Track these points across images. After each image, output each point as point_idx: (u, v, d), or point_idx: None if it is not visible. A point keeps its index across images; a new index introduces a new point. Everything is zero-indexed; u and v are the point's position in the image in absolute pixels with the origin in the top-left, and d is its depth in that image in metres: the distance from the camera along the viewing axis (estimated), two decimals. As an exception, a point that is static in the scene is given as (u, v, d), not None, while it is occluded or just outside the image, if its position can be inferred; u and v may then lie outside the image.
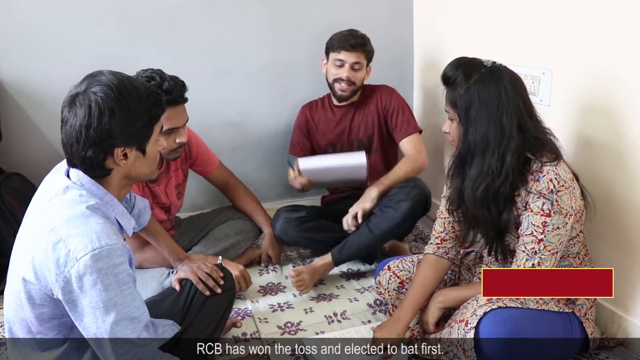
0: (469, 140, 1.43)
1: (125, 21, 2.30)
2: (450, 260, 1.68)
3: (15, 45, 2.19)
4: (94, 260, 1.08)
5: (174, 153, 1.88)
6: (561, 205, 1.40)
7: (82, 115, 1.13)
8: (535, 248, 1.44)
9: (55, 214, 1.14)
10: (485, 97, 1.40)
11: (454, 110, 1.45)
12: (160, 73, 1.76)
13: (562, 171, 1.41)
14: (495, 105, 1.40)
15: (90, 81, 1.16)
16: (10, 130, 2.25)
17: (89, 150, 1.15)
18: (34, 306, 1.16)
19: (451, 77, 1.44)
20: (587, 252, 1.61)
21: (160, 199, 2.00)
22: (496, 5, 2.10)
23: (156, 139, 1.26)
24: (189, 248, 2.10)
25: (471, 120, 1.42)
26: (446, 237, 1.67)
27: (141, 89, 1.19)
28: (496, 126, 1.40)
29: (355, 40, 2.20)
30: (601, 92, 1.67)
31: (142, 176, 1.28)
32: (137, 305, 1.16)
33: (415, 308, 1.63)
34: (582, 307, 1.54)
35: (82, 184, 1.19)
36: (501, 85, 1.40)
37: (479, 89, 1.40)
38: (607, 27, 1.62)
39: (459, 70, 1.43)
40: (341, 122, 2.35)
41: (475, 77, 1.40)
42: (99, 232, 1.11)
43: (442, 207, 1.68)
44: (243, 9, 2.44)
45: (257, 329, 1.86)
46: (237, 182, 2.26)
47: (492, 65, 1.43)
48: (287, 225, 2.20)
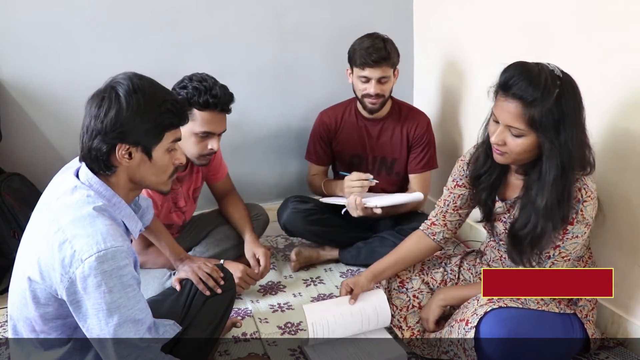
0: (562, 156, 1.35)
1: (125, 21, 2.29)
2: (436, 243, 1.72)
3: (15, 46, 2.19)
4: (99, 262, 1.08)
5: (203, 159, 1.87)
6: (584, 215, 1.40)
7: (95, 106, 1.17)
8: (550, 253, 1.44)
9: (62, 214, 1.14)
10: (571, 111, 1.34)
11: (529, 127, 1.34)
12: (214, 78, 1.81)
13: (589, 181, 1.41)
14: (579, 117, 1.37)
15: (114, 78, 1.20)
16: (10, 130, 2.25)
17: (95, 140, 1.17)
18: (38, 305, 1.16)
19: (529, 96, 1.32)
20: (591, 254, 1.61)
21: (181, 201, 1.99)
22: (496, 5, 2.10)
23: (169, 148, 1.25)
24: (190, 249, 2.10)
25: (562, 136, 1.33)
26: (436, 222, 1.72)
27: (159, 94, 1.21)
28: (582, 139, 1.38)
29: (378, 54, 2.07)
30: (601, 92, 1.67)
31: (149, 183, 1.27)
32: (141, 307, 1.16)
33: (384, 265, 1.73)
34: (583, 309, 1.54)
35: (91, 184, 1.19)
36: (579, 94, 1.36)
37: (565, 104, 1.32)
38: (608, 27, 1.62)
39: (536, 85, 1.32)
40: (368, 135, 2.28)
41: (557, 92, 1.32)
42: (104, 233, 1.11)
43: (442, 196, 1.71)
44: (243, 9, 2.44)
45: (257, 329, 1.86)
46: (238, 198, 2.22)
47: (563, 73, 1.36)
48: (294, 216, 2.21)
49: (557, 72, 1.35)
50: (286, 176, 2.74)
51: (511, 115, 1.36)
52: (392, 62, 2.13)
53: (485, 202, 1.59)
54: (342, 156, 2.32)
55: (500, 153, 1.43)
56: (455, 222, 1.71)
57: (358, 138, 2.29)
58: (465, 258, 1.80)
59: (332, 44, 2.59)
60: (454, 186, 1.68)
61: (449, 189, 1.69)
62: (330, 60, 2.61)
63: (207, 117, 1.79)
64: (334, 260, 2.31)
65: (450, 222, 1.70)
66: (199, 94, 1.75)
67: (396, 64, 2.17)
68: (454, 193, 1.67)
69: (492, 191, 1.58)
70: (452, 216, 1.70)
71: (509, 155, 1.42)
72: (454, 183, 1.68)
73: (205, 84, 1.77)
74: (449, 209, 1.69)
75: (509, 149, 1.40)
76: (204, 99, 1.75)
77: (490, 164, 1.54)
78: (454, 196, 1.68)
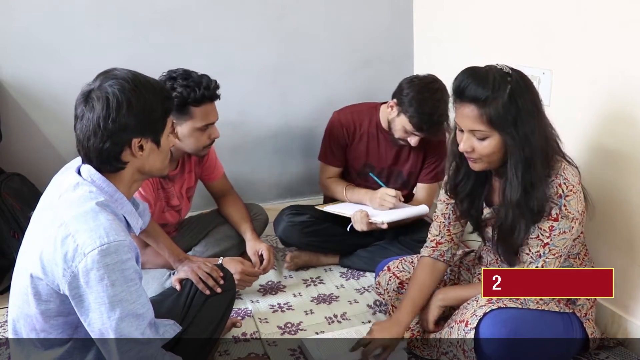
0: (525, 150, 1.35)
1: (125, 21, 2.29)
2: (446, 263, 1.69)
3: (15, 46, 2.19)
4: (101, 255, 1.09)
5: (205, 150, 1.91)
6: (569, 209, 1.39)
7: (99, 108, 1.15)
8: (540, 251, 1.44)
9: (65, 210, 1.15)
10: (527, 104, 1.34)
11: (490, 127, 1.35)
12: (195, 72, 1.82)
13: (570, 175, 1.41)
14: (537, 110, 1.37)
15: (105, 77, 1.19)
16: (10, 130, 2.25)
17: (107, 142, 1.16)
18: (39, 302, 1.16)
19: (480, 95, 1.33)
20: (587, 252, 1.61)
21: (174, 200, 2.00)
22: (496, 5, 2.10)
23: (168, 134, 1.28)
24: (189, 249, 2.10)
25: (520, 130, 1.34)
26: (441, 240, 1.68)
27: (153, 83, 1.23)
28: (543, 131, 1.38)
29: (435, 128, 2.00)
30: (601, 92, 1.67)
31: (155, 171, 1.29)
32: (143, 302, 1.17)
33: (414, 310, 1.62)
34: (582, 308, 1.54)
35: (93, 180, 1.20)
36: (532, 87, 1.37)
37: (518, 98, 1.33)
38: (608, 27, 1.62)
39: (485, 84, 1.33)
40: (387, 148, 2.22)
41: (510, 87, 1.32)
42: (107, 228, 1.11)
43: (438, 211, 1.68)
44: (243, 9, 2.44)
45: (257, 329, 1.86)
46: (237, 198, 2.21)
47: (512, 70, 1.37)
48: (290, 229, 2.20)
49: (506, 69, 1.37)
50: (286, 176, 2.74)
51: (470, 119, 1.37)
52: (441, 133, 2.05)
53: (469, 211, 1.59)
54: (354, 163, 2.28)
55: (473, 160, 1.44)
56: (459, 233, 1.69)
57: (374, 149, 2.23)
58: (464, 258, 1.80)
59: (332, 44, 2.59)
60: (449, 197, 1.65)
61: (445, 201, 1.66)
62: (330, 61, 2.61)
63: (205, 110, 1.81)
64: (334, 264, 2.31)
65: (455, 235, 1.68)
66: (192, 91, 1.76)
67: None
68: (451, 204, 1.65)
69: (474, 199, 1.57)
70: (455, 228, 1.67)
71: (482, 160, 1.42)
72: (447, 195, 1.66)
73: (192, 80, 1.78)
74: (451, 221, 1.66)
75: (478, 154, 1.41)
76: (200, 94, 1.77)
77: (463, 174, 1.54)
78: (452, 206, 1.65)
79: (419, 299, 1.63)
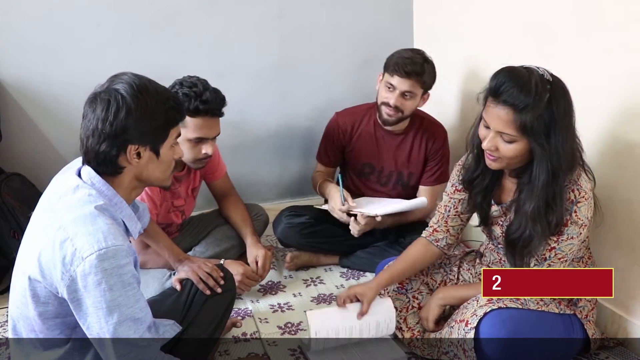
0: (552, 161, 1.34)
1: (125, 21, 2.29)
2: (439, 249, 1.71)
3: (15, 45, 2.19)
4: (99, 260, 1.09)
5: (199, 163, 1.88)
6: (579, 216, 1.39)
7: (100, 109, 1.16)
8: (545, 255, 1.44)
9: (64, 213, 1.15)
10: (562, 116, 1.32)
11: (521, 133, 1.33)
12: (204, 83, 1.79)
13: (583, 182, 1.40)
14: (569, 121, 1.36)
15: (113, 80, 1.20)
16: (10, 130, 2.25)
17: (103, 144, 1.16)
18: (37, 304, 1.16)
19: (520, 103, 1.30)
20: (590, 255, 1.61)
21: (179, 201, 1.99)
22: (496, 5, 2.10)
23: (172, 144, 1.26)
24: (190, 249, 2.10)
25: (552, 142, 1.33)
26: (438, 228, 1.71)
27: (161, 91, 1.22)
28: (572, 142, 1.37)
29: (412, 67, 2.00)
30: (601, 91, 1.67)
31: (154, 180, 1.28)
32: (141, 306, 1.17)
33: (391, 276, 1.68)
34: (583, 309, 1.54)
35: (93, 183, 1.19)
36: (569, 97, 1.35)
37: (555, 110, 1.31)
38: (608, 27, 1.62)
39: (527, 92, 1.30)
40: (385, 145, 2.22)
41: (548, 97, 1.30)
42: (105, 232, 1.11)
43: (442, 202, 1.71)
44: (243, 9, 2.44)
45: (257, 329, 1.86)
46: (238, 199, 2.20)
47: (552, 77, 1.34)
48: (289, 231, 2.20)
49: (547, 76, 1.33)
50: (286, 176, 2.74)
51: (502, 121, 1.35)
52: (424, 80, 2.05)
53: (481, 205, 1.59)
54: (354, 163, 2.28)
55: (493, 159, 1.43)
56: (457, 227, 1.70)
57: (373, 148, 2.23)
58: (464, 258, 1.80)
59: (332, 44, 2.59)
60: (454, 191, 1.66)
61: (449, 195, 1.68)
62: (330, 61, 2.61)
63: (199, 123, 1.77)
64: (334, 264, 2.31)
65: (452, 228, 1.69)
66: (189, 100, 1.73)
67: (428, 86, 2.09)
68: (454, 198, 1.66)
69: (487, 194, 1.57)
70: (453, 221, 1.69)
71: (502, 160, 1.41)
72: (453, 188, 1.67)
73: (195, 90, 1.74)
74: (450, 214, 1.68)
75: (501, 154, 1.39)
76: (194, 105, 1.74)
77: (482, 168, 1.53)
78: (455, 201, 1.66)
79: (402, 269, 1.70)
